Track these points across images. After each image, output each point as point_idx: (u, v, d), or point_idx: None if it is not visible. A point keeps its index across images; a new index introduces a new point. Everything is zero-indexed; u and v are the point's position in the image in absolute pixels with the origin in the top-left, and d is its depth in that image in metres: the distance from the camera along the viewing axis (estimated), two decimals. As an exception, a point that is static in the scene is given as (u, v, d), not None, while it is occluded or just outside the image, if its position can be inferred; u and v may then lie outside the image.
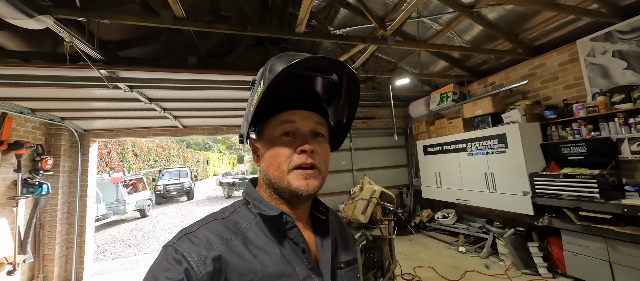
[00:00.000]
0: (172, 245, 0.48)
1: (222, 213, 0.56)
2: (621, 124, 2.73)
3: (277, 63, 0.49)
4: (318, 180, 0.54)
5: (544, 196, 3.12)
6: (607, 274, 2.63)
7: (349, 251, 0.65)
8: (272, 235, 0.53)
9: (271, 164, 0.54)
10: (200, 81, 2.74)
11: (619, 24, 2.82)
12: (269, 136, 0.56)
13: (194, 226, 0.52)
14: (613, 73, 2.90)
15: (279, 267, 0.49)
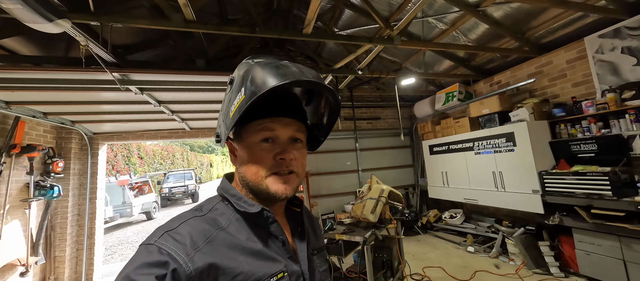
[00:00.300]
0: (154, 243, 0.46)
1: (200, 210, 0.56)
2: (632, 120, 2.70)
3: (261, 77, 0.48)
4: (295, 183, 0.58)
5: (554, 194, 3.09)
6: (622, 273, 2.59)
7: (318, 239, 0.72)
8: (253, 230, 0.55)
9: (249, 168, 0.56)
10: (208, 83, 2.78)
11: (627, 20, 2.80)
12: (248, 141, 0.57)
13: (174, 224, 0.51)
14: (622, 69, 2.88)
15: (262, 260, 0.52)
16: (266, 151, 0.55)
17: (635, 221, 2.48)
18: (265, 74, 0.49)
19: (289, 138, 0.57)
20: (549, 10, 3.13)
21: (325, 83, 0.52)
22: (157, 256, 0.44)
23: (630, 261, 2.54)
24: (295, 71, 0.50)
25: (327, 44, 5.18)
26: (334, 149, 5.46)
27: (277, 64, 0.51)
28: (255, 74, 0.50)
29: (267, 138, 0.56)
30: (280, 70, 0.49)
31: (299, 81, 0.49)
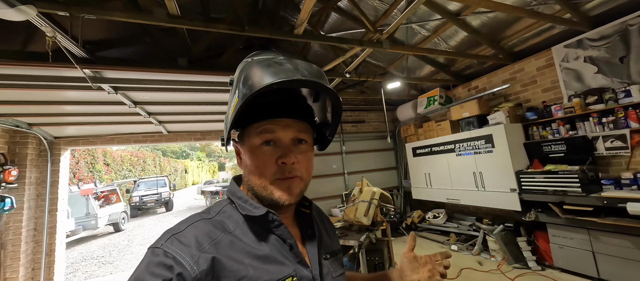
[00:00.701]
0: (160, 247, 0.46)
1: (208, 212, 0.55)
2: (595, 123, 2.98)
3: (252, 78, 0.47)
4: (299, 188, 0.55)
5: (530, 192, 3.30)
6: (591, 263, 2.81)
7: (332, 242, 0.68)
8: (260, 233, 0.53)
9: (252, 172, 0.55)
10: (191, 83, 2.62)
11: (589, 32, 3.09)
12: (249, 144, 0.55)
13: (181, 226, 0.51)
14: (585, 77, 3.17)
15: (268, 265, 0.50)
16: (268, 155, 0.53)
17: (602, 214, 2.71)
18: (255, 74, 0.48)
19: (292, 140, 0.55)
20: (521, 21, 3.38)
21: (320, 81, 0.49)
22: (162, 259, 0.44)
23: (598, 252, 2.76)
24: (289, 69, 0.48)
25: (312, 47, 5.16)
26: (319, 153, 5.42)
27: (270, 63, 0.49)
28: (247, 75, 0.49)
29: (268, 141, 0.54)
30: (271, 69, 0.47)
31: (288, 81, 0.46)
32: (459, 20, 3.52)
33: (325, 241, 0.66)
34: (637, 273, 2.49)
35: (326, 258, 0.62)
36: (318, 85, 0.50)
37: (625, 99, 2.74)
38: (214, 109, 3.55)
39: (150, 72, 2.34)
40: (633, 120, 2.69)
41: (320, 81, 0.49)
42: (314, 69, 0.51)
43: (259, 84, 0.46)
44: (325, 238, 0.67)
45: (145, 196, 11.28)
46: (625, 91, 2.74)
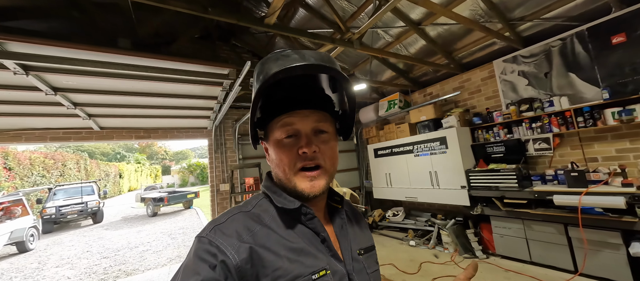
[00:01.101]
0: (205, 236, 0.50)
1: (246, 205, 0.58)
2: (527, 128, 3.48)
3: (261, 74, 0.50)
4: (324, 179, 0.56)
5: (477, 188, 3.68)
6: (525, 249, 3.25)
7: (365, 238, 0.68)
8: (294, 226, 0.55)
9: (277, 166, 0.57)
10: (136, 68, 2.19)
11: (522, 50, 3.61)
12: (273, 139, 0.58)
13: (222, 218, 0.54)
14: (519, 88, 3.69)
15: (303, 257, 0.51)
16: (289, 147, 0.55)
17: (533, 206, 3.16)
18: (264, 69, 0.50)
19: (312, 130, 0.56)
20: (469, 35, 3.77)
21: (327, 64, 0.49)
22: (208, 247, 0.48)
23: (530, 239, 3.21)
24: (295, 58, 0.49)
25: (277, 43, 4.95)
26: (283, 154, 5.21)
27: (278, 56, 0.50)
28: (258, 71, 0.52)
29: (289, 134, 0.56)
30: (279, 61, 0.49)
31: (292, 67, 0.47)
32: (419, 29, 3.76)
33: (358, 237, 0.66)
34: (559, 254, 2.95)
35: (360, 254, 0.62)
36: (322, 68, 0.49)
37: (549, 108, 3.26)
38: (165, 102, 3.08)
39: (78, 50, 1.86)
40: (555, 125, 3.22)
41: (326, 65, 0.49)
42: (322, 55, 0.51)
43: (266, 76, 0.48)
44: (358, 233, 0.67)
45: (64, 207, 9.33)
46: (549, 101, 3.27)
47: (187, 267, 0.47)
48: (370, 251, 0.65)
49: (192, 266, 0.46)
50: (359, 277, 0.57)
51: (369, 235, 0.71)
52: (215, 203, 4.42)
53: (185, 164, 33.54)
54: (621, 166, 2.72)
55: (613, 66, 2.87)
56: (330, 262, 0.54)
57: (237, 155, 4.72)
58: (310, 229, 0.56)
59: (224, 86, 2.68)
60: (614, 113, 2.77)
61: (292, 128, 0.55)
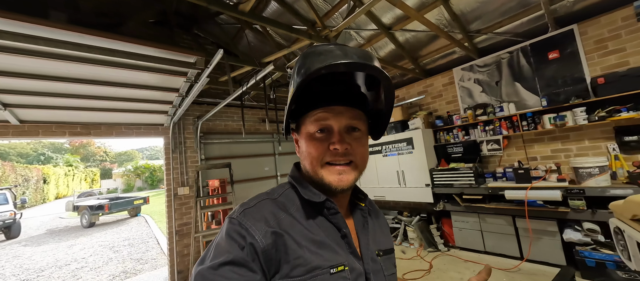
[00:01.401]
0: (236, 217, 0.52)
1: (272, 193, 0.59)
2: (482, 130, 3.84)
3: (302, 68, 0.50)
4: (353, 175, 0.57)
5: (440, 186, 3.94)
6: (480, 240, 3.57)
7: (386, 240, 0.67)
8: (316, 219, 0.56)
9: (306, 158, 0.58)
10: (74, 47, 1.80)
11: (477, 60, 3.99)
12: (305, 132, 0.59)
13: (252, 202, 0.56)
14: (474, 94, 4.07)
15: (323, 250, 0.52)
16: (321, 141, 0.56)
17: (487, 201, 3.49)
18: (306, 63, 0.50)
19: (345, 127, 0.57)
20: (433, 44, 4.05)
21: (369, 63, 0.49)
22: (238, 228, 0.50)
23: (485, 231, 3.54)
24: (338, 54, 0.48)
25: (245, 37, 4.66)
26: (251, 154, 4.92)
27: (320, 51, 0.50)
28: (299, 65, 0.52)
29: (322, 129, 0.56)
30: (321, 56, 0.49)
31: (335, 64, 0.47)
32: (390, 33, 3.90)
33: (379, 237, 0.65)
34: (508, 244, 3.31)
35: (379, 255, 0.61)
36: (365, 66, 0.49)
37: (500, 112, 3.65)
38: (112, 92, 2.63)
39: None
40: (504, 128, 3.61)
41: (368, 63, 0.49)
42: (365, 53, 0.51)
43: (308, 71, 0.48)
44: (379, 234, 0.66)
45: (-38, 221, 7.46)
46: (500, 107, 3.66)
47: (219, 245, 0.50)
48: (389, 254, 0.65)
49: (224, 245, 0.49)
50: (376, 278, 0.57)
51: (389, 237, 0.70)
52: (172, 208, 3.94)
53: (131, 166, 29.88)
54: (556, 164, 3.16)
55: (549, 78, 3.33)
56: (348, 259, 0.54)
57: (198, 155, 4.30)
58: (332, 224, 0.56)
59: (189, 77, 2.38)
60: (550, 118, 3.21)
61: (325, 123, 0.56)
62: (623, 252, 1.36)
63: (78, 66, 2.04)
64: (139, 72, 2.21)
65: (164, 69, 2.27)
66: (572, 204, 2.78)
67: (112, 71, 2.17)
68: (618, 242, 1.39)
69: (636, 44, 2.77)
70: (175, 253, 3.87)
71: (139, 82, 2.51)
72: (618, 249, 1.40)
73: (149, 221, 9.78)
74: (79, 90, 2.46)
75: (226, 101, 3.44)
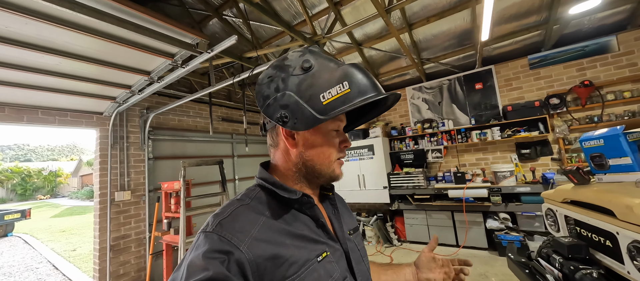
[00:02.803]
0: (212, 231, 0.50)
1: (243, 199, 0.58)
2: (428, 141, 4.61)
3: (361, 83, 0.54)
4: None
5: (395, 188, 4.49)
6: (426, 233, 4.22)
7: (351, 220, 0.77)
8: (295, 216, 0.58)
9: (322, 153, 0.61)
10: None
11: (425, 82, 4.81)
12: (323, 129, 0.61)
13: (226, 212, 0.54)
14: (422, 111, 4.86)
15: (306, 243, 0.55)
16: (334, 138, 0.62)
17: (433, 199, 4.19)
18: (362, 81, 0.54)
19: (345, 129, 0.67)
20: (390, 64, 4.66)
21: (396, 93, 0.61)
22: (218, 243, 0.48)
23: (430, 225, 4.21)
24: (375, 83, 0.56)
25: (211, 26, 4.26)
26: (207, 155, 4.43)
27: (365, 72, 0.56)
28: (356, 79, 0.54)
29: (337, 129, 0.63)
30: (370, 80, 0.55)
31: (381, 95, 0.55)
32: (360, 48, 4.29)
33: (347, 219, 0.72)
34: (448, 234, 4.03)
35: (350, 234, 0.68)
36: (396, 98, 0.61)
37: (442, 127, 4.48)
38: (30, 60, 2.01)
39: None
40: (445, 140, 4.44)
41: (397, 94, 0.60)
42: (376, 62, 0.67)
43: (367, 92, 0.53)
44: (346, 216, 0.73)
45: None
46: (442, 123, 4.49)
47: (192, 264, 0.46)
48: (357, 231, 0.73)
49: (199, 262, 0.46)
50: (354, 254, 0.63)
51: (353, 216, 0.80)
52: (107, 219, 3.15)
53: (-13, 169, 21.91)
54: (482, 169, 4.10)
55: (476, 103, 4.32)
56: (329, 244, 0.58)
57: (145, 153, 3.59)
58: (308, 216, 0.60)
59: (176, 59, 2.06)
60: (476, 134, 4.15)
61: (341, 124, 0.64)
62: (552, 226, 1.95)
63: None
64: (97, 39, 1.74)
65: (142, 44, 1.90)
66: (493, 200, 3.66)
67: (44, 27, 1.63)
68: (548, 219, 1.98)
69: (529, 85, 3.93)
70: (108, 275, 3.09)
71: (85, 53, 1.97)
72: (547, 225, 1.99)
73: (32, 241, 7.35)
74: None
75: (197, 94, 3.06)
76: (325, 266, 0.55)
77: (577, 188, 1.66)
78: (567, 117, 3.66)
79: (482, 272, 3.16)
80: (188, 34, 1.84)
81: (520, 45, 3.99)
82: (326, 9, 3.44)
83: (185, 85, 4.41)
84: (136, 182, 3.49)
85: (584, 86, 3.45)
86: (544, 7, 3.30)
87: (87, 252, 5.93)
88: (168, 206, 3.26)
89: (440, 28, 3.82)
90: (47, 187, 25.31)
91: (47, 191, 25.07)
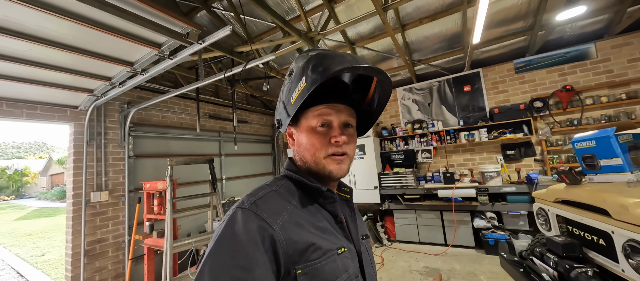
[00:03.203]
0: (248, 208, 0.53)
1: (273, 185, 0.61)
2: (418, 141, 4.66)
3: (323, 65, 0.53)
4: (347, 164, 0.64)
5: (386, 188, 4.50)
6: (415, 233, 4.27)
7: (363, 227, 0.77)
8: (315, 207, 0.61)
9: (308, 149, 0.62)
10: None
11: (416, 84, 4.86)
12: (306, 125, 0.63)
13: (259, 193, 0.57)
14: (412, 111, 4.91)
15: (327, 235, 0.57)
16: (322, 134, 0.61)
17: (423, 199, 4.24)
18: (324, 63, 0.54)
19: (342, 123, 0.62)
20: (382, 63, 4.68)
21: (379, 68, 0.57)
22: (255, 219, 0.51)
23: (420, 224, 4.25)
24: (350, 59, 0.54)
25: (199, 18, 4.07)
26: (192, 153, 4.23)
27: (335, 54, 0.56)
28: (316, 63, 0.55)
29: (324, 123, 0.61)
30: (337, 58, 0.54)
31: (355, 67, 0.53)
32: (353, 47, 4.26)
33: (360, 224, 0.73)
34: (436, 234, 4.09)
35: (363, 238, 0.69)
36: (379, 72, 0.56)
37: (432, 128, 4.55)
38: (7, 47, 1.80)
39: None
40: (434, 141, 4.51)
41: (382, 69, 0.57)
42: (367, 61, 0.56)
43: (329, 70, 0.51)
44: (360, 221, 0.74)
45: None
46: (432, 123, 4.56)
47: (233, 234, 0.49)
48: (368, 238, 0.74)
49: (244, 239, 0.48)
50: (365, 257, 0.65)
51: (364, 224, 0.79)
52: (82, 222, 2.90)
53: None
54: (470, 169, 4.19)
55: (464, 105, 4.43)
56: (344, 242, 0.60)
57: (125, 151, 3.35)
58: (328, 212, 0.62)
59: (164, 49, 1.91)
60: (464, 135, 4.25)
61: (328, 118, 0.61)
62: (543, 225, 1.99)
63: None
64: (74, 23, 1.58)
65: (125, 31, 1.74)
66: (480, 199, 3.75)
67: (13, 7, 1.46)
68: (539, 219, 2.03)
69: (515, 88, 4.07)
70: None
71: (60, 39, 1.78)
72: (538, 224, 2.04)
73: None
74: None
75: (184, 89, 2.90)
76: (343, 260, 0.57)
77: (570, 187, 1.70)
78: (550, 120, 3.82)
79: (471, 270, 3.22)
80: (178, 22, 1.71)
81: (507, 50, 4.12)
82: (320, 6, 3.38)
83: (170, 79, 4.18)
84: (115, 182, 3.25)
85: (566, 90, 3.61)
86: (530, 13, 3.42)
87: (57, 257, 5.50)
88: (150, 207, 3.06)
89: (432, 30, 3.87)
90: (12, 187, 23.42)
91: (12, 192, 23.19)
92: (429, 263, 3.54)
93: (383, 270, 3.47)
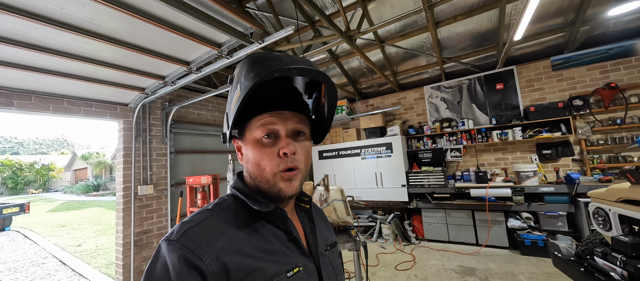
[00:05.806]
0: (176, 240, 0.48)
1: (215, 209, 0.56)
2: (447, 140, 4.62)
3: (253, 71, 0.49)
4: (298, 180, 0.58)
5: (414, 186, 4.49)
6: (445, 232, 4.24)
7: (329, 235, 0.73)
8: (265, 227, 0.56)
9: (254, 165, 0.56)
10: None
11: (444, 82, 4.81)
12: (250, 138, 0.57)
13: (194, 220, 0.52)
14: (440, 110, 4.86)
15: (277, 257, 0.53)
16: (268, 146, 0.55)
17: (453, 198, 4.20)
18: (255, 67, 0.49)
19: (291, 132, 0.57)
20: (407, 62, 4.64)
21: (318, 70, 0.52)
22: (181, 252, 0.46)
23: (449, 224, 4.22)
24: (287, 61, 0.50)
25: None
26: (223, 150, 4.36)
27: (269, 56, 0.51)
28: (248, 68, 0.51)
29: (269, 133, 0.55)
30: (271, 62, 0.49)
31: (285, 69, 0.48)
32: (382, 46, 4.26)
33: (324, 234, 0.69)
34: (467, 233, 4.05)
35: (326, 249, 0.65)
36: (314, 73, 0.51)
37: (461, 126, 4.49)
38: (59, 42, 1.92)
39: None
40: (464, 139, 4.46)
41: (320, 71, 0.52)
42: (310, 62, 0.53)
43: (260, 74, 0.47)
44: (325, 231, 0.70)
45: None
46: (462, 122, 4.50)
47: (151, 274, 0.45)
48: (334, 247, 0.70)
49: (158, 274, 0.45)
50: (326, 271, 0.61)
51: (331, 232, 0.76)
52: (132, 214, 3.06)
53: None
54: (503, 169, 4.12)
55: (496, 103, 4.35)
56: (301, 260, 0.56)
57: (167, 147, 3.50)
58: (281, 230, 0.58)
59: (223, 49, 1.99)
60: (497, 134, 4.18)
61: (273, 128, 0.55)
62: (601, 226, 1.96)
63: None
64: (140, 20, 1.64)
65: (186, 30, 1.82)
66: (516, 199, 3.68)
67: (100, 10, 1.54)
68: (597, 219, 1.99)
69: (551, 86, 3.97)
70: (131, 270, 3.01)
71: (129, 39, 1.88)
72: (595, 224, 2.00)
73: (32, 236, 7.14)
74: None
75: (223, 88, 2.99)
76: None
77: (636, 187, 1.67)
78: (590, 119, 3.71)
79: (508, 270, 3.18)
80: (242, 21, 1.78)
81: (542, 47, 4.01)
82: (353, 4, 3.40)
83: (204, 78, 4.31)
84: (158, 176, 3.40)
85: (609, 88, 3.49)
86: (572, 8, 3.32)
87: (92, 248, 5.79)
88: (193, 201, 3.19)
89: (465, 27, 3.82)
90: (39, 181, 24.67)
91: (39, 186, 24.44)
92: (463, 262, 3.52)
93: (417, 268, 3.47)
